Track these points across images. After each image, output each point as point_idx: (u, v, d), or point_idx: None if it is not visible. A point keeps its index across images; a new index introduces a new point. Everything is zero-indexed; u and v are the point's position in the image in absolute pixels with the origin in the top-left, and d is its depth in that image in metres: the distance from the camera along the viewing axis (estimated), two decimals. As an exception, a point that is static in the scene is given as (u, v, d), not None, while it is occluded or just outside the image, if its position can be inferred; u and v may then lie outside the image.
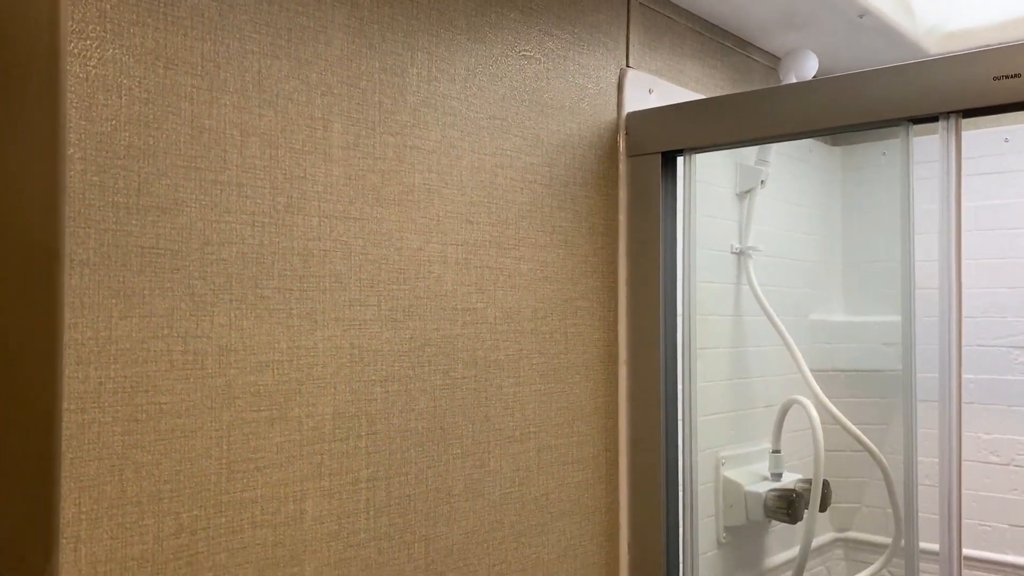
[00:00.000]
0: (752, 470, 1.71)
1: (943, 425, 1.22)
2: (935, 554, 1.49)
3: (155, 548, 0.82)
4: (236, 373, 0.88)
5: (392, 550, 1.04)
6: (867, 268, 2.05)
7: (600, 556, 1.36)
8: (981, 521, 1.89)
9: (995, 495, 1.88)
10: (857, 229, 2.07)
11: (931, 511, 1.81)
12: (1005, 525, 1.86)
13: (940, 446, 1.22)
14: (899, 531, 1.80)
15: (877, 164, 2.06)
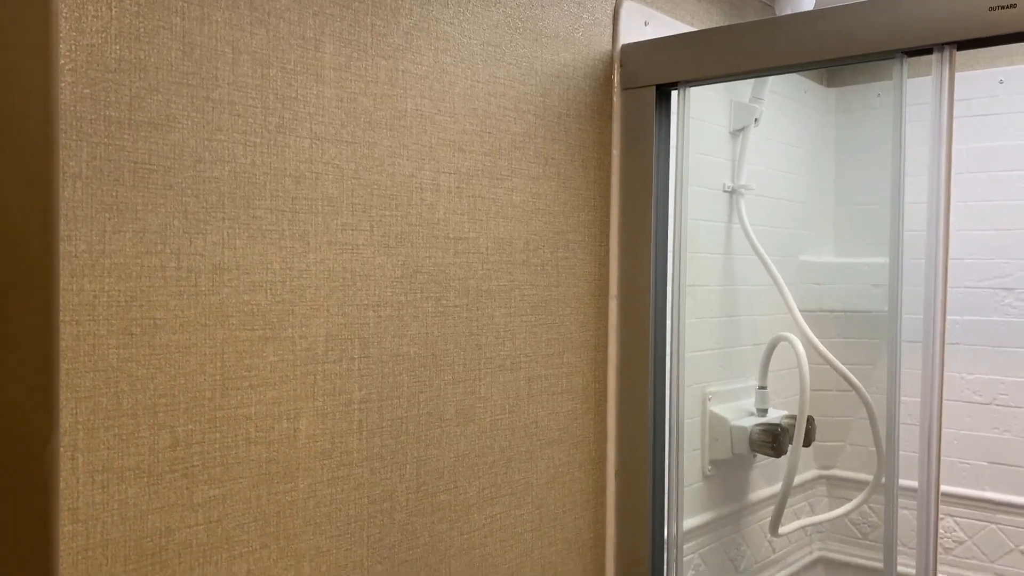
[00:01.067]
0: (738, 406, 1.73)
1: (926, 365, 1.24)
2: (914, 491, 1.52)
3: (151, 460, 0.83)
4: (230, 292, 0.89)
5: (384, 470, 1.06)
6: (858, 210, 2.06)
7: (588, 483, 1.39)
8: (962, 459, 1.94)
9: (976, 434, 1.92)
10: (849, 171, 2.07)
11: (912, 449, 1.85)
12: (984, 463, 1.91)
13: (922, 385, 1.24)
14: (881, 468, 1.84)
15: (871, 106, 2.05)
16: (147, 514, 0.83)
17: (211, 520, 0.89)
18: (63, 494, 0.76)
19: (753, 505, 1.82)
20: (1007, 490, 1.88)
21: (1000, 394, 1.89)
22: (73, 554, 0.78)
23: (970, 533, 1.92)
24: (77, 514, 0.78)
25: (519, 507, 1.27)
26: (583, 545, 1.39)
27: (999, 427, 1.89)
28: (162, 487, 0.84)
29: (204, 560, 0.88)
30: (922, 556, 1.25)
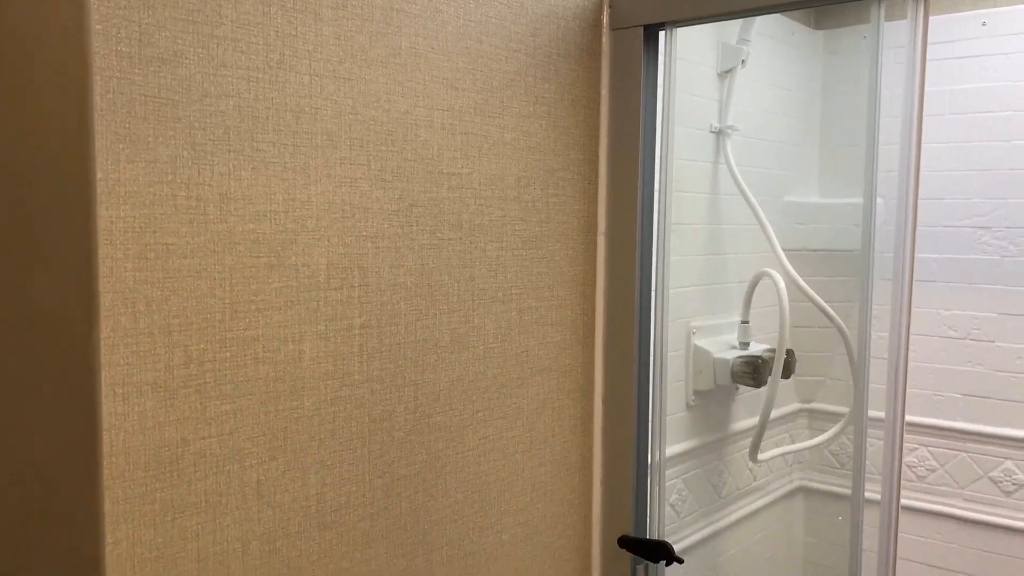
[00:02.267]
0: (721, 340, 1.81)
1: (895, 300, 1.31)
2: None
3: (167, 376, 0.90)
4: (236, 220, 0.94)
5: (384, 391, 1.13)
6: (843, 152, 2.11)
7: (576, 410, 1.46)
8: (936, 392, 2.02)
9: (950, 367, 2.00)
10: (835, 113, 2.11)
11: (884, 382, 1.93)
12: (958, 395, 1.99)
13: (891, 320, 1.31)
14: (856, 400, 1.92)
15: (857, 48, 2.08)
16: (164, 426, 0.90)
17: (223, 433, 0.95)
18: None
19: (735, 435, 1.91)
20: (977, 420, 1.97)
21: (974, 329, 1.96)
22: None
23: (942, 462, 2.02)
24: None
25: (511, 430, 1.34)
26: (571, 467, 1.47)
27: (972, 361, 1.97)
28: (177, 401, 0.91)
29: (217, 469, 0.95)
30: (887, 482, 1.33)
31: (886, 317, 1.73)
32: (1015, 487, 1.93)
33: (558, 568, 1.45)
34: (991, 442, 1.95)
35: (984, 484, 1.97)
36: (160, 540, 0.90)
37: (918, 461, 2.05)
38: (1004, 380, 1.93)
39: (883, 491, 1.33)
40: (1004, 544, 1.94)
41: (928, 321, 2.02)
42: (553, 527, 1.44)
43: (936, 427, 2.02)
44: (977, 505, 1.97)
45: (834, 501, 2.15)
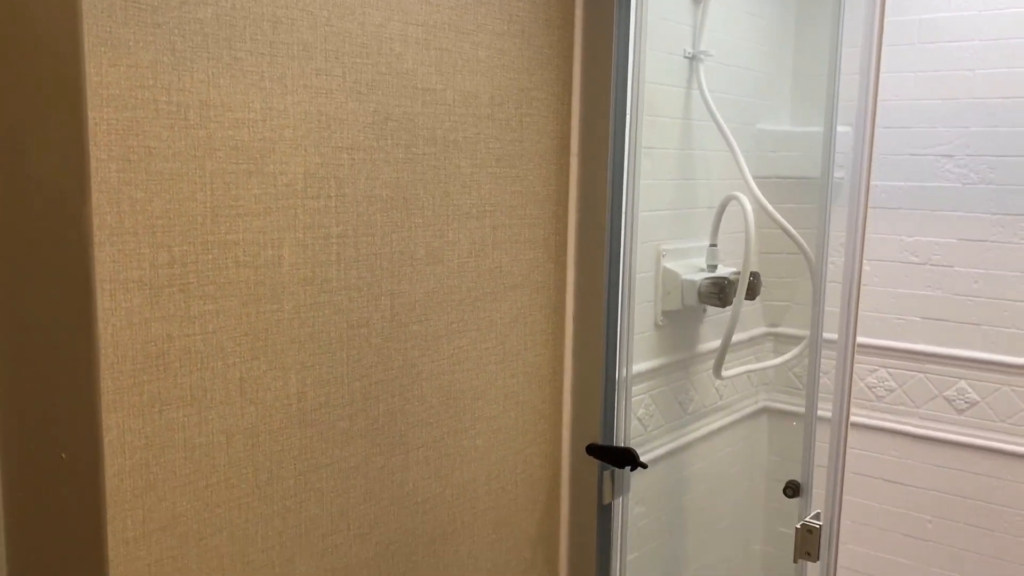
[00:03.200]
0: (690, 263, 1.87)
1: (850, 225, 1.36)
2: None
3: (152, 274, 0.94)
4: (216, 127, 0.98)
5: (361, 299, 1.18)
6: (815, 81, 2.14)
7: (547, 325, 1.52)
8: (898, 315, 2.10)
9: (911, 291, 2.07)
10: (808, 42, 2.14)
11: (853, 306, 2.00)
12: (917, 318, 2.07)
13: (846, 244, 1.36)
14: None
15: (832, -24, 2.10)
16: (150, 322, 0.95)
17: (207, 331, 1.00)
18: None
19: (701, 355, 1.98)
20: (935, 342, 2.05)
21: (934, 255, 2.03)
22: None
23: (901, 382, 2.11)
24: (90, 317, 0.89)
25: (484, 341, 1.40)
26: (542, 379, 1.53)
27: (932, 286, 2.04)
28: (162, 299, 0.95)
29: (202, 366, 1.00)
30: (837, 400, 1.40)
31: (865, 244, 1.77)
32: (967, 405, 2.02)
33: (529, 472, 1.53)
34: (947, 363, 2.03)
35: (938, 403, 2.06)
36: (148, 430, 0.96)
37: (878, 382, 2.14)
38: (961, 303, 2.01)
39: (833, 409, 1.40)
40: (955, 459, 2.04)
41: (891, 247, 2.08)
42: (524, 434, 1.51)
43: (896, 349, 2.10)
44: (931, 423, 2.07)
45: (796, 420, 2.24)
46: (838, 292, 1.37)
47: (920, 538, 2.11)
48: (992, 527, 2.01)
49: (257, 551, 1.09)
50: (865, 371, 2.15)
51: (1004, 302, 1.96)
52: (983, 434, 2.01)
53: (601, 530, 1.60)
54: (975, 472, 2.02)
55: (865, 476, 2.17)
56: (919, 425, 2.08)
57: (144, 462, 0.96)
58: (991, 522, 2.01)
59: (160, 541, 0.98)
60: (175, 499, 0.99)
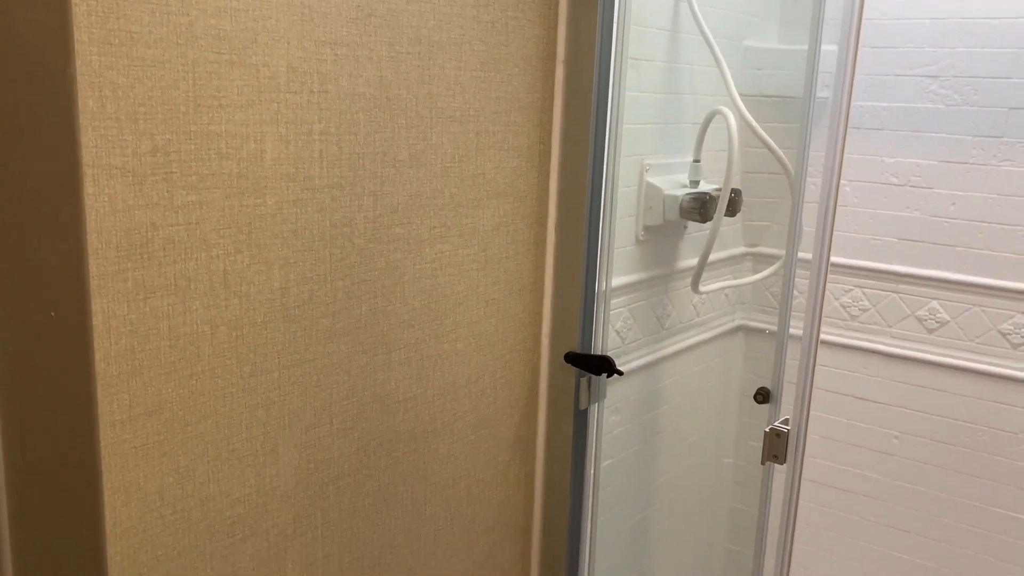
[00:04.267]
0: (673, 178, 1.88)
1: (829, 144, 1.36)
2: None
3: (134, 162, 0.94)
4: (198, 14, 0.97)
5: (344, 198, 1.19)
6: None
7: (529, 234, 1.54)
8: (874, 236, 2.13)
9: (889, 213, 2.10)
10: (800, -43, 2.11)
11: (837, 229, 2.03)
12: (894, 239, 2.10)
13: (824, 163, 1.37)
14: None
15: None
16: (134, 210, 0.95)
17: (190, 222, 1.01)
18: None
19: (681, 271, 2.01)
20: (910, 263, 2.09)
21: (914, 176, 2.05)
22: (73, 235, 0.90)
23: (874, 302, 2.15)
24: (73, 201, 0.89)
25: (466, 248, 1.41)
26: (523, 288, 1.56)
27: (910, 207, 2.07)
28: (145, 187, 0.96)
29: (186, 256, 1.02)
30: (808, 318, 1.43)
31: (847, 165, 1.78)
32: (938, 325, 2.07)
33: (509, 378, 1.56)
34: (920, 283, 2.07)
35: (910, 323, 2.11)
36: (133, 316, 0.98)
37: (852, 302, 2.18)
38: (937, 225, 2.04)
39: (804, 327, 1.43)
40: (924, 377, 2.10)
41: (871, 168, 2.10)
42: (504, 341, 1.54)
43: (871, 269, 2.14)
44: (902, 342, 2.12)
45: (772, 339, 2.29)
46: (800, 206, 1.39)
47: (887, 453, 2.18)
48: (955, 442, 2.08)
49: (241, 440, 1.12)
50: (840, 291, 2.19)
51: (979, 224, 1.99)
52: (952, 353, 2.06)
53: (577, 434, 1.65)
54: (943, 390, 2.08)
55: (835, 393, 2.24)
56: (890, 344, 2.14)
57: (130, 348, 0.98)
58: (955, 438, 2.08)
59: (146, 425, 1.01)
60: (160, 385, 1.02)
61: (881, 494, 2.21)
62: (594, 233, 1.59)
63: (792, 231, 1.73)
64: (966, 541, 2.10)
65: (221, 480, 1.11)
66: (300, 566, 1.24)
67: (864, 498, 2.23)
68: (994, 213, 1.96)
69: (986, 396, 2.02)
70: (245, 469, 1.13)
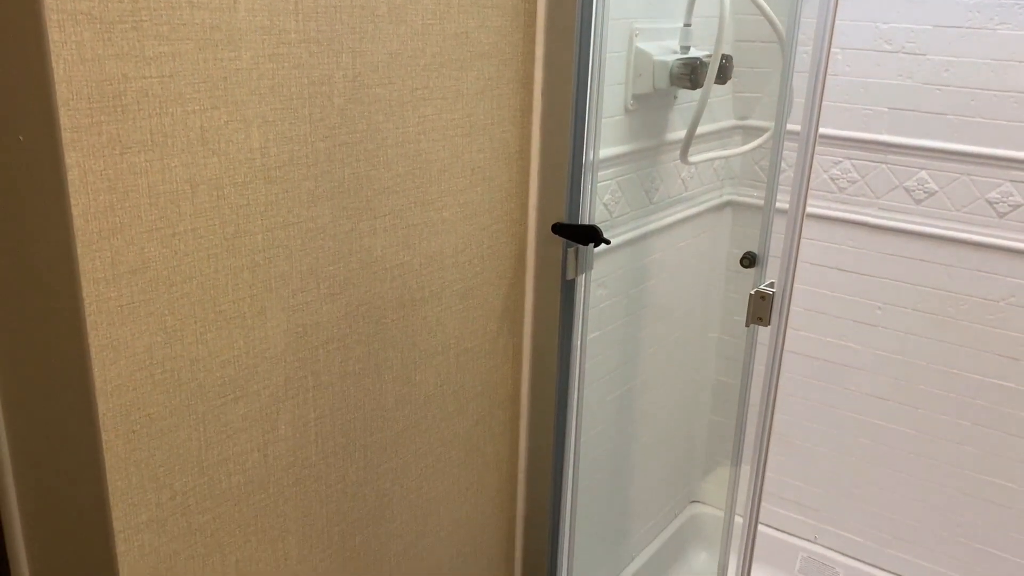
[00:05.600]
0: (663, 44, 1.83)
1: (821, 9, 1.31)
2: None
3: (101, 7, 0.90)
4: None
5: (322, 55, 1.15)
6: None
7: (515, 100, 1.50)
8: (866, 106, 2.10)
9: (881, 81, 2.06)
10: None
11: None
12: (885, 108, 2.07)
13: (816, 28, 1.32)
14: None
15: None
16: (104, 59, 0.92)
17: (164, 75, 0.98)
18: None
19: (670, 144, 1.98)
20: (900, 132, 2.06)
21: (908, 42, 2.00)
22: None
23: (863, 174, 2.14)
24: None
25: (450, 112, 1.38)
26: (510, 156, 1.53)
27: (903, 74, 2.03)
28: (115, 36, 0.92)
29: (161, 111, 0.99)
30: (795, 191, 1.41)
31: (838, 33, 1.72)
32: (926, 195, 2.07)
33: (496, 249, 1.56)
34: (909, 153, 2.06)
35: (898, 193, 2.10)
36: (111, 172, 0.95)
37: (841, 174, 2.17)
38: (929, 92, 2.01)
39: (791, 198, 1.41)
40: (910, 248, 2.11)
41: (865, 35, 2.05)
42: (491, 211, 1.53)
43: (861, 140, 2.11)
44: (889, 213, 2.12)
45: (759, 213, 2.28)
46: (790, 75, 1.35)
47: (869, 324, 2.22)
48: (938, 312, 2.11)
49: (228, 301, 1.12)
50: (829, 163, 2.18)
51: (972, 91, 1.96)
52: (939, 223, 2.07)
53: (564, 305, 1.66)
54: (928, 260, 2.09)
55: (820, 266, 2.25)
56: (877, 216, 2.14)
57: (109, 205, 0.96)
58: (939, 307, 2.11)
59: (130, 284, 1.01)
60: (143, 244, 1.01)
61: (862, 364, 2.25)
62: (582, 100, 1.55)
63: (782, 100, 1.69)
64: (944, 407, 2.16)
65: (210, 341, 1.11)
66: (293, 427, 1.26)
67: (845, 368, 2.28)
68: (987, 79, 1.93)
69: (971, 265, 2.04)
70: (233, 331, 1.14)
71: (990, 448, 2.11)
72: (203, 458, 1.14)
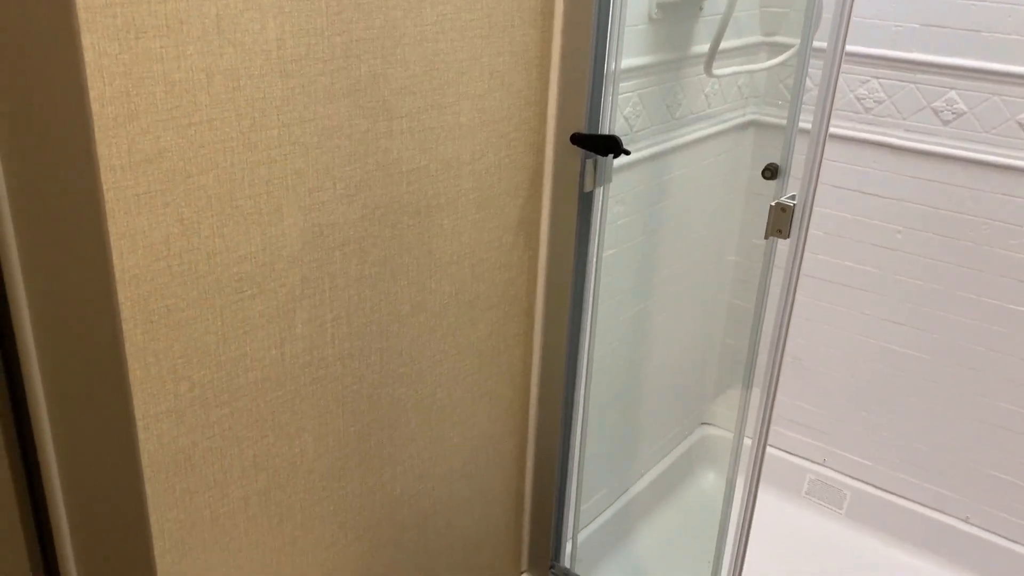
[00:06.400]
0: (690, -49, 1.77)
1: None
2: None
3: None
4: None
5: (338, -56, 1.12)
6: None
7: (536, 2, 1.46)
8: (897, 23, 2.03)
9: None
10: None
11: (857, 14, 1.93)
12: (917, 24, 2.01)
13: None
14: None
15: None
16: (116, -63, 0.90)
17: (177, -43, 0.95)
18: None
19: (694, 58, 1.94)
20: (931, 51, 2.01)
21: (945, -46, 1.93)
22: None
23: (890, 93, 2.09)
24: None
25: (469, 12, 1.35)
26: (529, 62, 1.50)
27: (937, -11, 1.96)
28: (126, -87, 0.90)
29: (175, -5, 0.97)
30: (820, 107, 1.37)
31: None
32: (954, 116, 2.02)
33: (513, 158, 1.54)
34: (939, 72, 2.00)
35: (925, 114, 2.05)
36: (126, 57, 0.94)
37: (868, 93, 2.12)
38: (963, 8, 1.94)
39: (815, 116, 1.37)
40: (934, 171, 2.08)
41: (901, -54, 1.98)
42: (509, 118, 1.50)
43: (890, 59, 2.06)
44: (915, 135, 2.08)
45: (782, 134, 2.24)
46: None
47: (888, 248, 2.19)
48: (959, 236, 2.09)
49: (244, 196, 1.12)
50: (856, 82, 2.12)
51: (1008, 6, 1.89)
52: (965, 145, 2.02)
53: (581, 218, 1.65)
54: (951, 183, 2.06)
55: (841, 188, 2.22)
56: (903, 137, 2.09)
57: (124, 90, 0.95)
58: (959, 232, 2.08)
59: (147, 173, 1.00)
60: (159, 133, 1.00)
61: (879, 289, 2.24)
62: (605, 4, 1.51)
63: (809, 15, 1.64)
64: (959, 333, 2.15)
65: (227, 235, 1.11)
66: (310, 327, 1.27)
67: (862, 292, 2.27)
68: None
69: (995, 188, 2.00)
70: (250, 227, 1.14)
71: (1005, 374, 2.11)
72: (221, 352, 1.15)
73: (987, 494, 2.22)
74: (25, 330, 0.91)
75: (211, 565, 1.24)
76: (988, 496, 2.22)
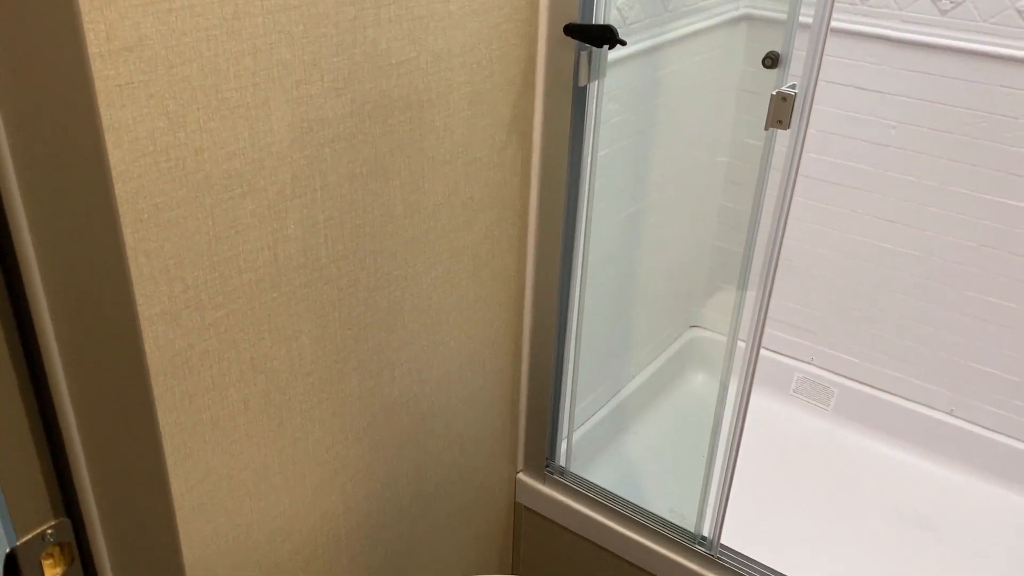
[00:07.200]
0: None
1: None
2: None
3: None
4: None
5: None
6: None
7: None
8: (896, -94, 1.96)
9: None
10: None
11: None
12: (917, -91, 1.93)
13: None
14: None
15: None
16: None
17: None
18: None
19: (688, -55, 1.86)
20: (932, -65, 1.94)
21: None
22: None
23: None
24: None
25: None
26: (520, -53, 1.43)
27: None
28: None
29: None
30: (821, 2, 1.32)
31: None
32: (952, 5, 1.97)
33: (505, 51, 1.49)
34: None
35: (923, 3, 2.00)
36: (97, -67, 0.88)
37: (864, -17, 2.05)
38: None
39: (815, 14, 1.32)
40: (930, 63, 2.04)
41: None
42: (500, 7, 1.44)
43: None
44: (912, 25, 2.03)
45: (777, 28, 2.19)
46: None
47: (882, 144, 2.17)
48: (953, 130, 2.06)
49: (230, 89, 1.07)
50: (854, -29, 2.06)
51: None
52: (963, 35, 1.98)
53: (575, 113, 1.60)
54: (947, 76, 2.02)
55: (835, 83, 2.18)
56: (899, 29, 2.04)
57: (97, -30, 0.89)
58: (954, 126, 2.06)
59: (127, 62, 0.95)
60: (137, 19, 0.94)
61: (872, 186, 2.22)
62: None
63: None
64: (951, 228, 2.15)
65: (214, 130, 1.07)
66: (302, 227, 1.24)
67: (854, 190, 2.25)
68: None
69: (992, 80, 1.97)
70: (237, 121, 1.09)
71: (995, 268, 2.12)
72: (214, 252, 1.12)
73: (971, 386, 2.26)
74: (23, 231, 0.87)
75: (212, 467, 1.24)
76: (972, 388, 2.26)
